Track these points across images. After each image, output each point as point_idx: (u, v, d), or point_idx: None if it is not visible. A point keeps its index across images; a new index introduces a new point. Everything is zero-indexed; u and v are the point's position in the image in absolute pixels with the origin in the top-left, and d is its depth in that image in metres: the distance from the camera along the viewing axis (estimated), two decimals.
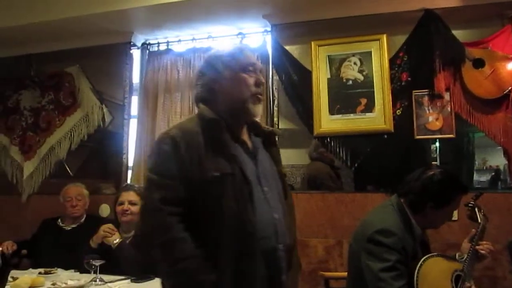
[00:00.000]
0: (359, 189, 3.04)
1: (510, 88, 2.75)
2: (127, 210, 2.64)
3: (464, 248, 2.05)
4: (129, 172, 3.53)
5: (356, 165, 3.02)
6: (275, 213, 1.50)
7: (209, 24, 3.40)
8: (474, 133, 2.94)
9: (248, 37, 3.41)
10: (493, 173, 3.25)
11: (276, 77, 3.27)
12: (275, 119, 3.25)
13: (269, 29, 3.31)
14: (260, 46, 3.34)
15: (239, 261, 1.40)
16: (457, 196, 1.99)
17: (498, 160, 3.08)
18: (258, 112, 1.56)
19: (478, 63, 2.81)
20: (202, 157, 1.44)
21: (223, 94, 1.54)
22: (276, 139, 1.70)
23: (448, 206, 1.98)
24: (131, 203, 2.65)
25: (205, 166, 1.42)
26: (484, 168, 3.14)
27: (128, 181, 3.46)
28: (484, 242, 2.03)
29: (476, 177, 3.14)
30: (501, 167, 3.10)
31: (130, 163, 3.54)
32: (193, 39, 3.52)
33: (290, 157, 3.17)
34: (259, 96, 1.55)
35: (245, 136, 1.59)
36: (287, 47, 3.23)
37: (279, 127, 3.24)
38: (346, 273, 2.04)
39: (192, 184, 1.41)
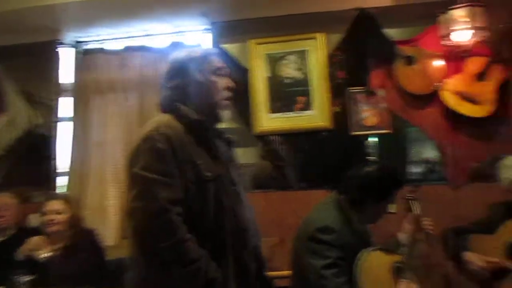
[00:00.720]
0: (301, 187, 3.07)
1: (439, 84, 2.88)
2: (52, 220, 2.49)
3: (405, 229, 2.13)
4: (61, 178, 3.33)
5: (297, 162, 3.04)
6: (247, 210, 1.57)
7: (145, 21, 3.28)
8: (408, 127, 3.06)
9: (186, 35, 3.33)
10: (425, 166, 3.40)
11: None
12: None
13: (208, 27, 3.25)
14: (198, 45, 3.27)
15: (239, 257, 1.47)
16: (394, 190, 2.05)
17: (431, 153, 3.23)
18: (227, 117, 1.59)
19: (409, 61, 2.93)
20: (193, 157, 1.44)
21: (195, 98, 1.54)
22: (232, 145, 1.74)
23: (386, 200, 2.04)
24: (57, 212, 2.52)
25: (198, 167, 1.43)
26: (418, 161, 3.28)
27: (62, 188, 3.27)
28: (426, 220, 2.13)
29: (410, 169, 3.27)
30: (433, 160, 3.25)
31: (61, 169, 3.34)
32: (129, 37, 3.39)
33: None
34: (229, 101, 1.58)
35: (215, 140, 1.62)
36: (226, 46, 3.19)
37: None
38: (290, 272, 2.04)
39: (188, 184, 1.41)
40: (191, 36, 3.34)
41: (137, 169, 1.39)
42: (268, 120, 3.07)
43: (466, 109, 2.83)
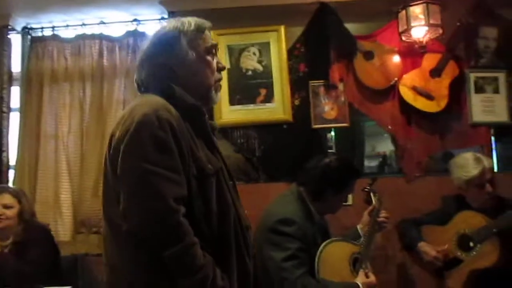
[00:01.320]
0: (262, 179, 3.06)
1: (396, 79, 2.95)
2: (1, 215, 2.38)
3: (365, 220, 2.18)
4: (11, 172, 3.16)
5: (258, 155, 3.03)
6: (242, 209, 1.41)
7: (100, 8, 3.15)
8: (365, 121, 3.11)
9: (144, 24, 3.23)
10: (381, 159, 3.48)
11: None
12: None
13: (166, 16, 3.17)
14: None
15: (241, 258, 1.31)
16: (353, 180, 2.10)
17: (385, 147, 3.30)
18: (216, 101, 1.41)
19: (368, 55, 2.97)
20: (193, 148, 1.24)
21: (185, 79, 1.32)
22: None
23: (345, 191, 2.08)
24: (6, 207, 2.40)
25: (199, 159, 1.24)
26: (373, 154, 3.35)
27: (11, 182, 3.11)
28: (383, 212, 2.18)
29: (366, 163, 3.33)
30: (388, 153, 3.33)
31: (12, 162, 3.17)
32: (83, 24, 3.24)
33: None
34: (221, 83, 1.41)
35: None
36: None
37: None
38: None
39: (190, 179, 1.21)
40: (148, 25, 3.25)
41: (136, 161, 1.16)
42: (228, 113, 3.03)
43: (422, 104, 2.90)
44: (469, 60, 3.00)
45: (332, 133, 3.04)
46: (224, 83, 3.03)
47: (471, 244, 2.25)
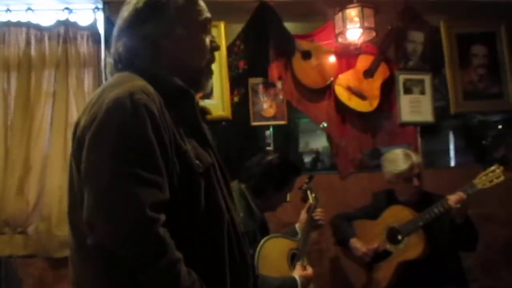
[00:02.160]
0: None
1: (332, 78, 3.04)
2: None
3: (302, 219, 2.23)
4: None
5: None
6: (236, 212, 1.19)
7: None
8: (300, 118, 3.18)
9: (76, 13, 3.06)
10: (314, 155, 3.59)
11: (109, 59, 3.00)
12: None
13: (100, 6, 3.03)
14: (90, 24, 3.03)
15: (237, 270, 1.09)
16: (294, 178, 2.14)
17: (318, 143, 3.41)
18: (208, 87, 1.19)
19: (306, 55, 3.03)
20: (178, 140, 1.01)
21: (170, 56, 1.10)
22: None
23: (286, 189, 2.12)
24: None
25: (185, 154, 1.01)
26: (307, 150, 3.44)
27: None
28: (319, 210, 2.24)
29: (302, 159, 3.43)
30: (321, 149, 3.43)
31: None
32: (8, 10, 3.01)
33: None
34: (211, 67, 1.19)
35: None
36: None
37: None
38: None
39: (173, 179, 0.99)
40: (80, 15, 3.08)
41: (102, 158, 0.92)
42: None
43: (355, 104, 3.02)
44: (399, 63, 3.16)
45: (271, 130, 3.08)
46: None
47: (399, 237, 2.38)
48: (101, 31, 3.02)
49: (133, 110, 0.94)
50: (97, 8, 3.03)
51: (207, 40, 1.16)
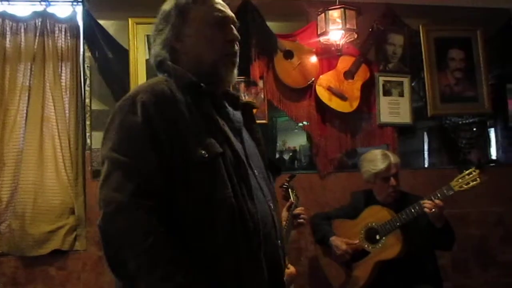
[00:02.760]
0: None
1: (313, 79, 3.06)
2: None
3: (283, 217, 2.23)
4: None
5: None
6: (270, 202, 1.21)
7: None
8: (278, 117, 3.19)
9: (54, 6, 2.97)
10: (291, 154, 3.61)
11: (88, 54, 2.96)
12: (87, 100, 2.95)
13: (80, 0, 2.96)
14: (69, 17, 2.96)
15: (241, 266, 1.08)
16: (274, 177, 2.13)
17: (295, 142, 3.43)
18: (232, 78, 1.25)
19: (288, 55, 3.04)
20: (183, 132, 1.10)
21: (186, 56, 1.22)
22: (254, 112, 1.40)
23: None
24: None
25: (188, 145, 1.09)
26: (284, 149, 3.45)
27: None
28: (300, 208, 2.25)
29: (278, 156, 3.44)
30: (298, 148, 3.46)
31: None
32: None
33: None
34: (234, 58, 1.24)
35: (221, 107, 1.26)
36: (101, 22, 2.95)
37: (92, 108, 2.95)
38: None
39: (172, 168, 1.07)
40: (59, 7, 3.00)
41: (105, 150, 1.10)
42: None
43: (336, 104, 3.05)
44: (379, 65, 3.21)
45: None
46: (142, 74, 2.92)
47: (378, 237, 2.42)
48: (80, 24, 2.95)
49: (130, 108, 1.10)
50: (76, 1, 2.96)
51: (222, 33, 1.22)
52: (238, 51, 1.26)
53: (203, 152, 1.09)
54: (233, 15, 1.28)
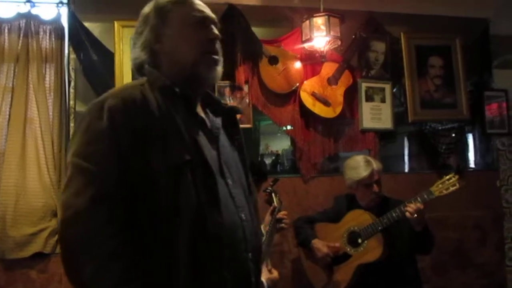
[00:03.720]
0: None
1: (297, 84, 3.10)
2: None
3: (267, 221, 2.26)
4: None
5: None
6: (243, 213, 1.18)
7: None
8: (260, 120, 3.22)
9: (39, 7, 2.95)
10: (274, 157, 3.65)
11: (73, 56, 2.94)
12: (72, 102, 2.93)
13: (65, 0, 2.94)
14: (54, 19, 2.93)
15: (200, 277, 1.06)
16: (260, 183, 2.17)
17: (278, 146, 3.46)
18: (214, 77, 1.23)
19: (273, 60, 3.07)
20: (149, 138, 1.08)
21: (166, 57, 1.20)
22: (237, 118, 1.37)
23: None
24: None
25: (154, 152, 1.07)
26: (267, 153, 3.49)
27: None
28: (282, 212, 2.28)
29: (259, 160, 3.46)
30: (281, 152, 3.49)
31: None
32: None
33: None
34: (213, 56, 1.22)
35: (201, 113, 1.24)
36: (86, 24, 2.93)
37: (76, 110, 2.94)
38: None
39: (135, 175, 1.06)
40: (43, 9, 2.98)
41: (69, 154, 1.10)
42: None
43: (319, 109, 3.09)
44: (361, 71, 3.27)
45: None
46: (128, 77, 2.92)
47: (359, 240, 2.46)
48: (65, 26, 2.94)
49: (97, 113, 1.09)
50: (61, 2, 2.95)
51: (202, 33, 1.21)
52: (219, 50, 1.26)
53: (170, 159, 1.08)
54: (213, 15, 1.28)
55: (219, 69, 1.26)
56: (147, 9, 1.26)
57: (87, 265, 1.00)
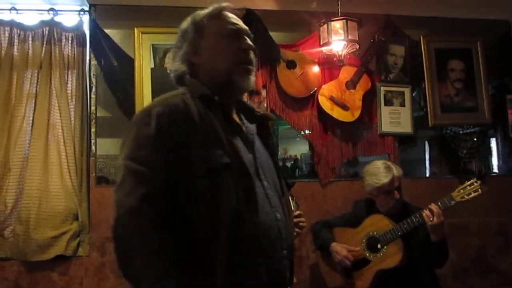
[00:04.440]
0: None
1: (315, 88, 3.10)
2: None
3: None
4: None
5: None
6: (278, 213, 1.25)
7: None
8: (279, 125, 3.23)
9: (61, 15, 3.03)
10: (292, 162, 3.63)
11: (94, 62, 3.00)
12: (93, 107, 2.99)
13: (86, 8, 3.02)
14: (75, 26, 3.01)
15: (238, 273, 1.13)
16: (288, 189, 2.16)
17: (296, 150, 3.45)
18: (248, 85, 1.30)
19: (291, 64, 3.08)
20: (192, 143, 1.17)
21: (203, 68, 1.30)
22: (270, 125, 1.43)
23: None
24: None
25: (195, 156, 1.16)
26: (286, 157, 3.48)
27: None
28: (300, 218, 2.26)
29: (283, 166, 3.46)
30: (299, 157, 3.48)
31: None
32: None
33: (110, 147, 3.00)
34: (247, 65, 1.29)
35: (236, 119, 1.33)
36: (107, 31, 3.00)
37: (97, 115, 2.99)
38: None
39: (179, 177, 1.15)
40: (66, 17, 3.06)
41: (122, 157, 1.18)
42: None
43: (337, 114, 3.08)
44: (380, 75, 3.25)
45: None
46: (147, 82, 2.97)
47: (379, 245, 2.43)
48: (87, 33, 3.00)
49: (145, 120, 1.18)
50: (83, 10, 3.02)
51: (235, 44, 1.29)
52: (253, 60, 1.32)
53: (210, 162, 1.16)
54: (246, 27, 1.35)
55: (253, 78, 1.32)
56: (185, 24, 1.35)
57: (139, 257, 1.08)
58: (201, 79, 1.29)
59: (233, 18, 1.34)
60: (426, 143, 3.56)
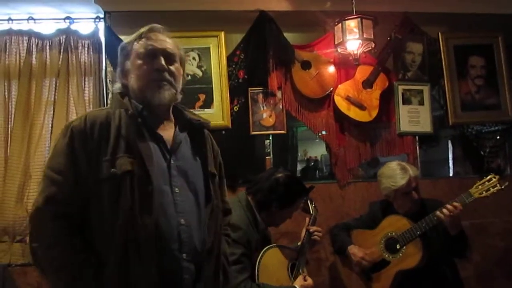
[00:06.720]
0: None
1: (331, 88, 3.07)
2: None
3: (303, 237, 2.24)
4: None
5: None
6: (183, 218, 1.35)
7: (30, 3, 2.98)
8: (298, 127, 3.20)
9: (77, 22, 3.08)
10: (312, 163, 3.60)
11: (110, 68, 3.04)
12: None
13: (101, 16, 3.06)
14: (91, 33, 3.06)
15: (129, 270, 1.26)
16: (300, 198, 2.15)
17: (316, 152, 3.42)
18: (161, 99, 1.40)
19: (306, 65, 3.06)
20: (102, 151, 1.32)
21: (131, 87, 1.45)
22: (205, 132, 1.55)
23: (291, 208, 2.12)
24: None
25: (104, 162, 1.31)
26: (305, 158, 3.45)
27: None
28: (315, 228, 2.24)
29: (298, 167, 3.43)
30: (319, 158, 3.45)
31: None
32: (10, 19, 3.04)
33: None
34: (159, 82, 1.40)
35: (165, 130, 1.45)
36: (122, 37, 3.02)
37: None
38: None
39: (89, 180, 1.31)
40: (82, 25, 3.11)
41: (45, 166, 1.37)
42: None
43: (354, 114, 3.04)
44: (398, 73, 3.20)
45: (270, 139, 3.09)
46: None
47: (398, 246, 2.38)
48: (102, 40, 3.04)
49: (64, 132, 1.36)
50: (98, 18, 3.06)
51: (150, 64, 1.41)
52: (167, 78, 1.42)
53: (113, 169, 1.29)
54: (166, 47, 1.45)
55: (168, 92, 1.41)
56: (119, 48, 1.50)
57: (38, 250, 1.27)
58: (131, 97, 1.43)
59: (152, 38, 1.45)
60: (449, 142, 3.48)
